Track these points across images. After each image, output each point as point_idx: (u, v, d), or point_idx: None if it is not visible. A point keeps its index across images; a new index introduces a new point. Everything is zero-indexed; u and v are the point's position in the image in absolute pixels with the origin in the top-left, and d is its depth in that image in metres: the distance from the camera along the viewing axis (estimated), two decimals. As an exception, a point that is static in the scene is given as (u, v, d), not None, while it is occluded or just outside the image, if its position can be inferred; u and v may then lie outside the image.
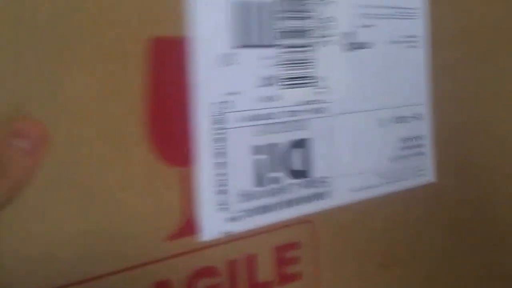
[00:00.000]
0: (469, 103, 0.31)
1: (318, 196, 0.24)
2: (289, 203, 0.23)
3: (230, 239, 0.21)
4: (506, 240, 0.33)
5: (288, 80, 0.23)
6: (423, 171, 0.29)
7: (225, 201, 0.21)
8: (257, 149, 0.22)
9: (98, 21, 0.17)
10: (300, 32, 0.23)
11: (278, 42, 0.22)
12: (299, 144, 0.24)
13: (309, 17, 0.24)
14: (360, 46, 0.26)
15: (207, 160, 0.20)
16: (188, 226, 0.20)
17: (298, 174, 0.24)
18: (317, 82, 0.24)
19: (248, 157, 0.22)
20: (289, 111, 0.23)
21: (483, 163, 0.31)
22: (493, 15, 0.31)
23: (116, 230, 0.18)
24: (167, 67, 0.19)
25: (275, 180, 0.23)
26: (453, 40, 0.30)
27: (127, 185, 0.18)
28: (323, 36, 0.24)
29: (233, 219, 0.21)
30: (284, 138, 0.23)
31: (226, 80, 0.21)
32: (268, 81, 0.22)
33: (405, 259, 0.28)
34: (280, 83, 0.23)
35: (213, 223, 0.21)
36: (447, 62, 0.29)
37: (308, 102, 0.24)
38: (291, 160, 0.23)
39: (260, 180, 0.22)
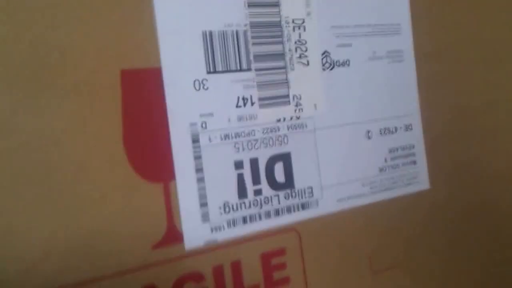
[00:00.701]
0: (460, 112, 0.31)
1: (302, 206, 0.26)
2: (273, 213, 0.25)
3: (215, 247, 0.23)
4: (501, 242, 0.33)
5: (265, 100, 0.25)
6: (416, 179, 0.30)
7: (207, 213, 0.23)
8: (238, 164, 0.24)
9: (71, 56, 0.20)
10: (275, 56, 0.26)
11: (252, 66, 0.25)
12: (281, 158, 0.26)
13: (283, 42, 0.26)
14: (337, 64, 0.28)
15: (187, 176, 0.23)
16: (172, 235, 0.22)
17: (281, 186, 0.26)
18: (294, 100, 0.26)
19: (229, 172, 0.24)
20: (268, 128, 0.25)
21: (476, 168, 0.32)
22: (477, 28, 0.32)
23: (101, 239, 0.20)
24: (142, 94, 0.22)
25: (258, 192, 0.25)
26: (440, 52, 0.31)
27: (112, 200, 0.21)
28: (299, 57, 0.26)
29: (216, 228, 0.24)
30: (264, 153, 0.25)
31: (201, 103, 0.23)
32: (245, 102, 0.25)
33: (398, 264, 0.29)
34: (257, 103, 0.25)
35: (196, 233, 0.23)
36: (435, 73, 0.30)
37: (286, 120, 0.26)
38: (273, 173, 0.25)
39: (242, 192, 0.24)
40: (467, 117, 0.32)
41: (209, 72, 0.24)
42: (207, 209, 0.23)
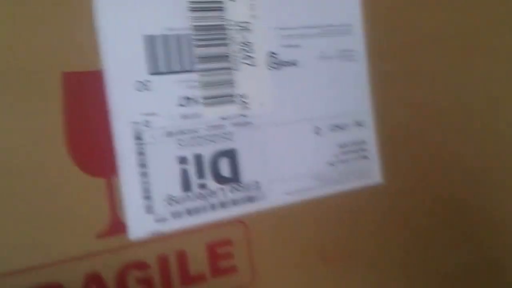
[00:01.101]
0: (417, 109, 0.32)
1: (249, 199, 0.28)
2: (218, 206, 0.27)
3: (160, 238, 0.25)
4: (456, 236, 0.33)
5: (209, 99, 0.27)
6: (368, 174, 0.31)
7: (150, 205, 0.25)
8: (182, 159, 0.26)
9: (13, 58, 0.22)
10: (219, 57, 0.27)
11: (196, 67, 0.26)
12: (227, 153, 0.27)
13: (228, 44, 0.27)
14: (285, 64, 0.29)
15: (130, 171, 0.24)
16: (117, 227, 0.24)
17: (227, 180, 0.27)
18: (241, 99, 0.28)
19: (172, 167, 0.26)
20: (213, 125, 0.27)
21: (434, 164, 0.33)
22: (432, 28, 0.33)
23: (43, 229, 0.22)
24: (85, 95, 0.24)
25: (203, 186, 0.26)
26: (396, 51, 0.32)
27: (55, 193, 0.23)
28: (245, 58, 0.28)
29: (159, 220, 0.25)
30: (209, 149, 0.27)
31: (144, 103, 0.25)
32: (189, 101, 0.26)
33: (350, 255, 0.30)
34: (201, 102, 0.27)
35: (140, 224, 0.25)
36: (390, 71, 0.32)
37: (232, 117, 0.27)
38: (218, 168, 0.27)
39: (186, 186, 0.26)
40: (424, 114, 0.33)
41: (152, 74, 0.25)
42: (151, 202, 0.25)
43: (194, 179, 0.26)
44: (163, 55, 0.26)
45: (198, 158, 0.26)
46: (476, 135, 0.34)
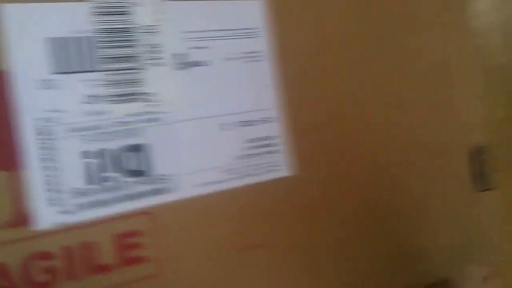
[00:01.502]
0: (323, 106, 0.35)
1: (158, 192, 0.29)
2: (126, 198, 0.28)
3: (64, 229, 0.26)
4: (362, 221, 0.35)
5: (116, 97, 0.28)
6: (277, 167, 0.33)
7: (55, 198, 0.26)
8: (88, 154, 0.27)
9: None
10: (126, 57, 0.29)
11: (102, 67, 0.28)
12: (134, 148, 0.29)
13: (134, 45, 0.29)
14: (193, 64, 0.31)
15: (34, 165, 0.26)
16: (21, 218, 0.25)
17: (135, 173, 0.28)
18: (147, 97, 0.29)
19: (78, 161, 0.27)
20: (119, 122, 0.28)
21: (347, 158, 0.35)
22: (336, 29, 0.36)
23: None
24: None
25: (109, 179, 0.28)
26: (304, 52, 0.34)
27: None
28: (152, 59, 0.30)
29: (65, 212, 0.26)
30: (116, 144, 0.28)
31: (48, 101, 0.26)
32: (94, 99, 0.28)
33: (261, 244, 0.31)
34: (107, 100, 0.28)
35: (45, 216, 0.26)
36: (299, 70, 0.34)
37: (139, 114, 0.29)
38: (126, 162, 0.28)
39: (92, 179, 0.27)
40: (332, 110, 0.35)
41: (56, 73, 0.27)
42: (55, 194, 0.26)
43: (99, 173, 0.27)
44: (67, 56, 0.27)
45: (104, 153, 0.28)
46: (383, 130, 0.37)
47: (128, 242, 0.28)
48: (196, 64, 0.31)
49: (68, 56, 0.27)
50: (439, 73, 0.40)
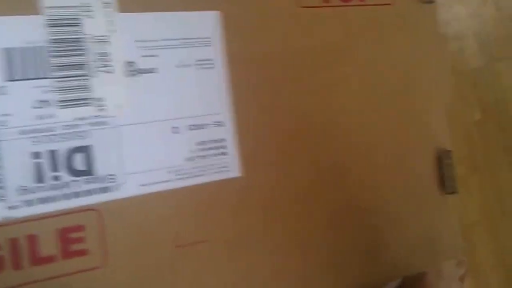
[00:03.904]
0: (274, 111, 0.36)
1: (103, 190, 0.31)
2: (72, 196, 0.30)
3: (11, 222, 0.29)
4: (312, 218, 0.36)
5: (64, 102, 0.31)
6: (226, 168, 0.35)
7: (2, 194, 0.29)
8: (36, 155, 0.30)
9: None
10: (75, 65, 0.31)
11: (52, 75, 0.31)
12: (81, 150, 0.31)
13: (84, 54, 0.32)
14: (142, 71, 0.33)
15: (-17, 163, 0.28)
16: (-31, 212, 0.28)
17: (81, 173, 0.31)
18: (96, 102, 0.32)
19: (27, 161, 0.29)
20: (67, 125, 0.31)
21: (290, 159, 0.36)
22: (288, 40, 0.37)
23: None
24: None
25: (56, 178, 0.30)
26: (256, 60, 0.36)
27: None
28: (102, 67, 0.32)
29: (11, 207, 0.29)
30: (63, 145, 0.30)
31: (0, 106, 0.29)
32: (44, 104, 0.30)
33: (204, 240, 0.33)
34: (56, 105, 0.31)
35: (-8, 210, 0.28)
36: (249, 77, 0.36)
37: (87, 118, 0.31)
38: (72, 162, 0.30)
39: (39, 178, 0.30)
40: (282, 116, 0.36)
41: (7, 80, 0.29)
42: (3, 191, 0.29)
43: (47, 172, 0.30)
44: (19, 64, 0.30)
45: (52, 154, 0.30)
46: (333, 133, 0.38)
47: (72, 236, 0.30)
48: (146, 71, 0.33)
49: (21, 65, 0.30)
50: (406, 79, 0.41)
